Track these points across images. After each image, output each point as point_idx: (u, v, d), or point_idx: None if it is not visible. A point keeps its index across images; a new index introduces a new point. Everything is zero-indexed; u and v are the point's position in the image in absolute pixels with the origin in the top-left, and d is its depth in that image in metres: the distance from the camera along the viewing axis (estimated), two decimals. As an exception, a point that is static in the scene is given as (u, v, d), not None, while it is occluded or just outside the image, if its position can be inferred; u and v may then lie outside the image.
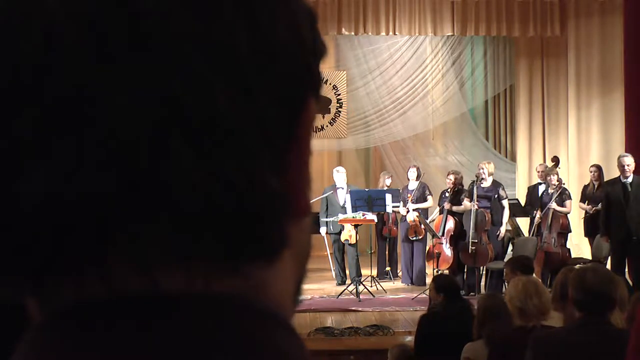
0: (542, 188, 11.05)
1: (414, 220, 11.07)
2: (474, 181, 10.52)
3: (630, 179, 9.51)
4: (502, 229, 10.37)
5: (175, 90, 0.43)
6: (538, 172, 11.56)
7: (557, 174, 10.60)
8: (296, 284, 0.53)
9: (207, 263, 0.46)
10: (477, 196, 10.30)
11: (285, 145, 0.48)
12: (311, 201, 0.53)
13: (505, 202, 10.42)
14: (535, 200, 11.01)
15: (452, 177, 10.84)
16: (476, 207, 10.20)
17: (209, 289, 0.46)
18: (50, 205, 0.43)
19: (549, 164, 12.00)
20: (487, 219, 10.25)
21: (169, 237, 0.44)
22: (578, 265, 3.91)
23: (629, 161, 9.52)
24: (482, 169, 10.50)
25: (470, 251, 10.20)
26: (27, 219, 0.43)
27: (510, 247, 10.68)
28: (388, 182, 11.80)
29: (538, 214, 10.45)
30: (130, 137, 0.42)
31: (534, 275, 6.00)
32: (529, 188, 11.72)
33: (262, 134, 0.46)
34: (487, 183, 10.47)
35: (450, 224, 10.65)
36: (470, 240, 10.21)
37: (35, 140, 0.43)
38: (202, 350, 0.44)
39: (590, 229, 10.55)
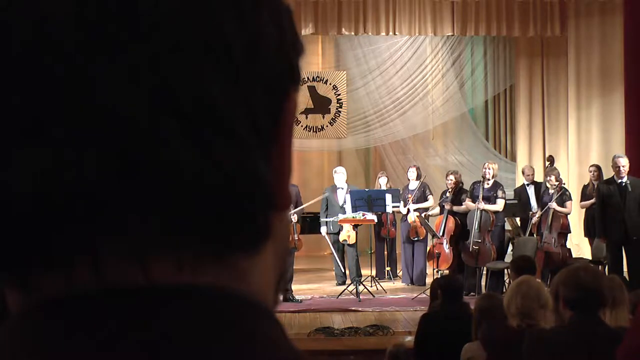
0: (530, 189, 11.05)
1: (415, 221, 11.07)
2: (478, 181, 10.51)
3: (625, 179, 9.54)
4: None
5: (167, 76, 0.43)
6: (527, 175, 11.49)
7: (558, 174, 10.57)
8: (277, 278, 0.53)
9: (194, 251, 0.46)
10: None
11: (270, 134, 0.48)
12: (309, 203, 0.53)
13: (499, 201, 10.39)
14: (525, 202, 10.99)
15: (452, 177, 10.83)
16: (481, 207, 10.20)
17: (195, 279, 0.46)
18: (41, 194, 0.43)
19: (546, 164, 11.98)
20: (491, 219, 10.25)
21: (160, 224, 0.44)
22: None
23: (624, 162, 9.55)
24: (488, 168, 10.47)
25: (473, 251, 10.20)
26: (16, 208, 0.43)
27: (510, 247, 10.68)
28: (383, 181, 11.79)
29: (538, 213, 10.44)
30: (123, 122, 0.43)
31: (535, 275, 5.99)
32: (515, 190, 11.64)
33: (250, 121, 0.46)
34: (489, 184, 10.46)
35: (450, 224, 10.64)
36: (473, 240, 10.21)
37: (25, 127, 0.43)
38: (194, 342, 0.44)
39: (591, 229, 10.56)
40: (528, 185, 11.26)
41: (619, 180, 9.55)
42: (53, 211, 0.43)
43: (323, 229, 10.95)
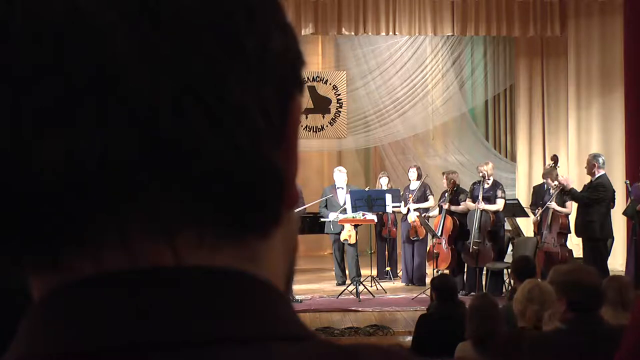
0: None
1: (415, 221, 11.08)
2: (478, 181, 10.51)
3: (594, 178, 9.68)
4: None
5: (191, 64, 0.47)
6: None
7: (557, 174, 10.56)
8: (287, 271, 0.55)
9: (212, 229, 0.48)
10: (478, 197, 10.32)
11: (279, 132, 0.51)
12: (311, 204, 0.55)
13: (499, 201, 10.39)
14: (540, 199, 11.00)
15: (444, 179, 10.87)
16: (481, 207, 10.20)
17: (214, 257, 0.49)
18: (71, 172, 0.45)
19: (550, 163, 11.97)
20: (491, 219, 10.25)
21: (184, 203, 0.47)
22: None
23: (589, 158, 9.77)
24: (484, 171, 10.47)
25: (472, 251, 10.20)
26: (46, 185, 0.45)
27: (510, 247, 10.68)
28: (384, 182, 11.79)
29: (538, 213, 10.43)
30: (151, 104, 0.45)
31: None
32: (534, 187, 11.66)
33: (262, 114, 0.49)
34: (488, 183, 10.46)
35: (448, 223, 10.64)
36: (473, 241, 10.21)
37: (56, 106, 0.45)
38: (222, 322, 0.47)
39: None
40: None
41: (589, 179, 9.83)
42: (81, 187, 0.45)
43: (331, 215, 10.83)
